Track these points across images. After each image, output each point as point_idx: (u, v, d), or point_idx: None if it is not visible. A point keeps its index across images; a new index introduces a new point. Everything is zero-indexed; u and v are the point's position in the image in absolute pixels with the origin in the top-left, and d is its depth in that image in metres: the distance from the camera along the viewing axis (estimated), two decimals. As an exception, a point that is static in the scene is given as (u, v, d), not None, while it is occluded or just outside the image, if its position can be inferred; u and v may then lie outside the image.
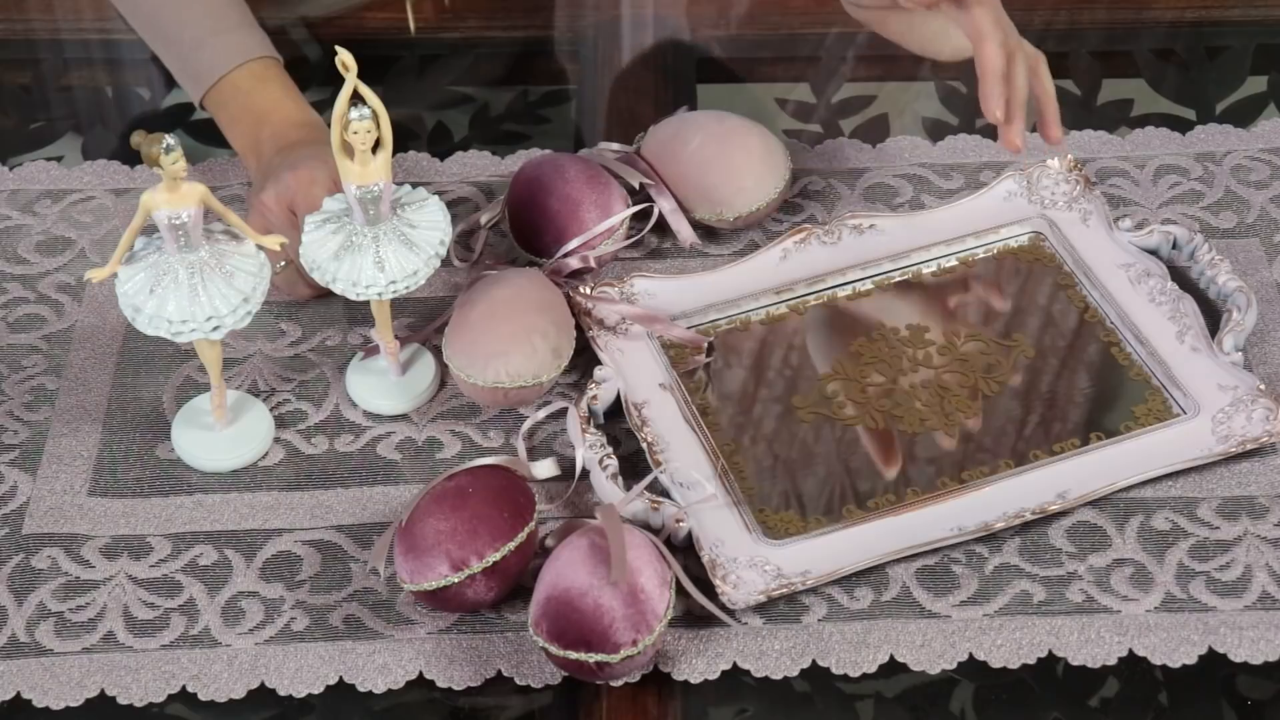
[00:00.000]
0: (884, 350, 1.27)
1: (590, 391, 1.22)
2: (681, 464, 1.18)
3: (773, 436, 1.23)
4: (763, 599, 1.12)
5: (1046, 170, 1.36)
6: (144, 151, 1.12)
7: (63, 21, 1.60)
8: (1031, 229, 1.34)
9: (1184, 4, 1.58)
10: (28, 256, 1.37)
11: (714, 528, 1.15)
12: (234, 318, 1.16)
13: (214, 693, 1.11)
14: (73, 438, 1.25)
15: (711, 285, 1.31)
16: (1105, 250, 1.32)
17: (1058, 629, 1.13)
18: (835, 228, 1.33)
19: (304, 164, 1.26)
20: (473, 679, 1.12)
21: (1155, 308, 1.28)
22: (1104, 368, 1.26)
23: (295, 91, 1.36)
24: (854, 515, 1.18)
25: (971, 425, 1.23)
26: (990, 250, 1.34)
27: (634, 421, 1.22)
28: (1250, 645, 1.12)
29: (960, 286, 1.32)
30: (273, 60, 1.37)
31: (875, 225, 1.34)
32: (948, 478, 1.20)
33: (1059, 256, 1.32)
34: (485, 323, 1.23)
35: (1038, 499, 1.17)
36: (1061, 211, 1.35)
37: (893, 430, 1.22)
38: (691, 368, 1.26)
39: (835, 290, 1.31)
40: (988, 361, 1.26)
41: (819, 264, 1.32)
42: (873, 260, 1.32)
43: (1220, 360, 1.24)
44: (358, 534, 1.19)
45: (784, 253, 1.32)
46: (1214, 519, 1.18)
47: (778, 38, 1.56)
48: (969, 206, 1.36)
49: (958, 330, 1.29)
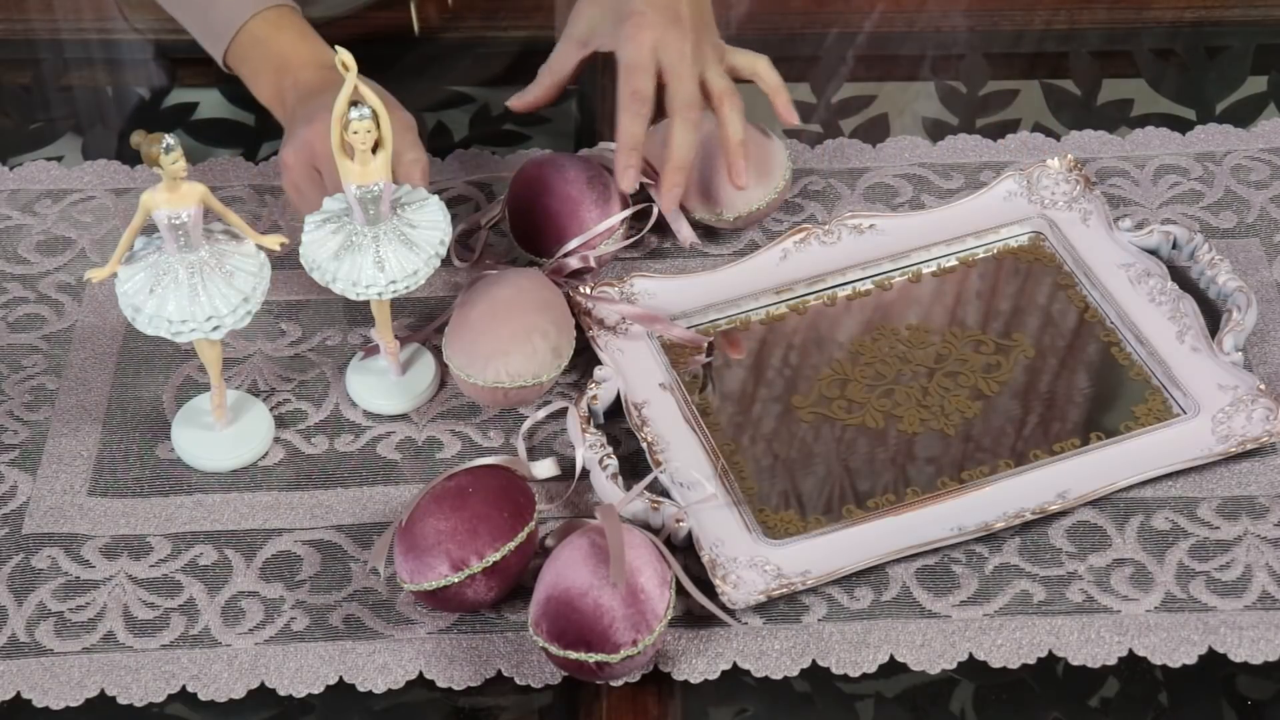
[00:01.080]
0: (884, 350, 1.27)
1: (590, 391, 1.22)
2: (681, 464, 1.18)
3: (773, 436, 1.23)
4: (763, 599, 1.12)
5: (1047, 170, 1.36)
6: (144, 151, 1.11)
7: (63, 21, 1.60)
8: (1031, 229, 1.34)
9: (1184, 4, 1.58)
10: (28, 256, 1.37)
11: (714, 528, 1.15)
12: (234, 318, 1.16)
13: (214, 693, 1.11)
14: (73, 437, 1.25)
15: (711, 285, 1.31)
16: (1105, 250, 1.32)
17: (1058, 629, 1.13)
18: (835, 228, 1.33)
19: (319, 115, 1.25)
20: (473, 679, 1.12)
21: (1155, 307, 1.28)
22: (1104, 368, 1.26)
23: (313, 35, 1.35)
24: (854, 514, 1.18)
25: (971, 425, 1.23)
26: (990, 250, 1.34)
27: (634, 421, 1.22)
28: (1250, 645, 1.12)
29: (960, 286, 1.32)
30: (288, 7, 1.36)
31: (875, 225, 1.34)
32: (947, 478, 1.20)
33: (1059, 256, 1.32)
34: (485, 322, 1.23)
35: (1038, 499, 1.17)
36: (1061, 211, 1.35)
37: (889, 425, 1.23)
38: (693, 369, 1.26)
39: (835, 290, 1.31)
40: (987, 361, 1.26)
41: (819, 264, 1.32)
42: (873, 260, 1.32)
43: (1220, 360, 1.24)
44: (358, 534, 1.19)
45: (784, 253, 1.33)
46: (1214, 519, 1.18)
47: (778, 38, 1.56)
48: (969, 206, 1.36)
49: (958, 330, 1.29)
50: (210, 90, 1.53)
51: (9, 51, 1.58)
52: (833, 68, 1.53)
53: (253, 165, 1.44)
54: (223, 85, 1.53)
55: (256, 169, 1.44)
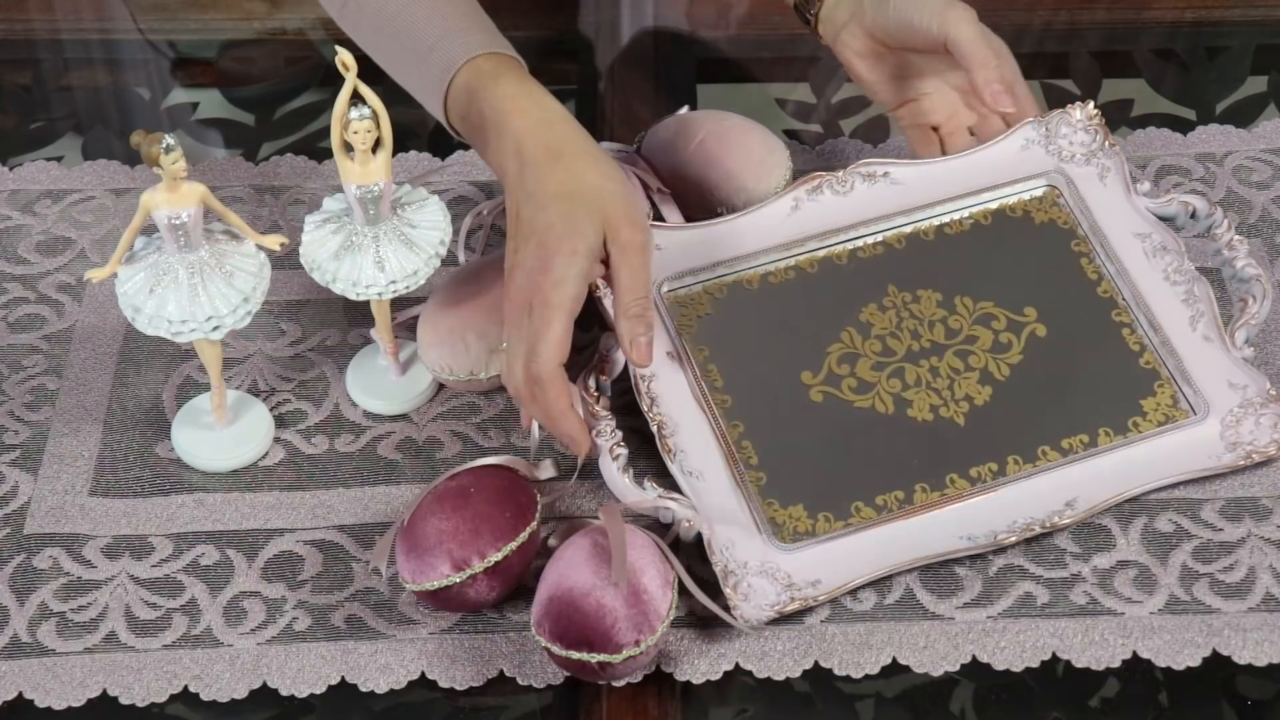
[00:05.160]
0: (894, 320, 1.25)
1: (597, 364, 1.20)
2: (691, 450, 1.17)
3: (782, 418, 1.20)
4: (774, 615, 1.12)
5: (1066, 117, 1.31)
6: (144, 151, 1.11)
7: (63, 21, 1.60)
8: (1047, 183, 1.30)
9: (1184, 4, 1.58)
10: (28, 256, 1.37)
11: (724, 531, 1.14)
12: (234, 318, 1.16)
13: (216, 693, 1.11)
14: (73, 438, 1.25)
15: (721, 236, 1.27)
16: (1121, 215, 1.28)
17: (1061, 631, 1.13)
18: (848, 176, 1.29)
19: (559, 231, 1.11)
20: (474, 679, 1.12)
21: (1170, 287, 1.25)
22: (1115, 353, 1.24)
23: (533, 86, 1.19)
24: (862, 515, 1.17)
25: (980, 414, 1.21)
26: (1004, 204, 1.30)
27: (643, 401, 1.19)
28: (1254, 647, 1.12)
29: (973, 248, 1.28)
30: (508, 57, 1.21)
31: (889, 174, 1.30)
32: (956, 473, 1.19)
33: (1074, 217, 1.29)
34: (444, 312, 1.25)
35: (1045, 508, 1.16)
36: (1079, 166, 1.30)
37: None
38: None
39: (845, 244, 1.28)
40: (998, 339, 1.24)
41: (829, 216, 1.28)
42: (884, 215, 1.29)
43: (1232, 355, 1.23)
44: (359, 534, 1.19)
45: (795, 202, 1.28)
46: (1218, 521, 1.18)
47: (778, 38, 1.56)
48: (985, 155, 1.31)
49: (969, 302, 1.26)
50: (210, 90, 1.53)
51: (9, 51, 1.58)
52: (833, 68, 1.53)
53: (253, 165, 1.44)
54: (223, 85, 1.53)
55: (256, 169, 1.44)
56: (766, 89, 1.55)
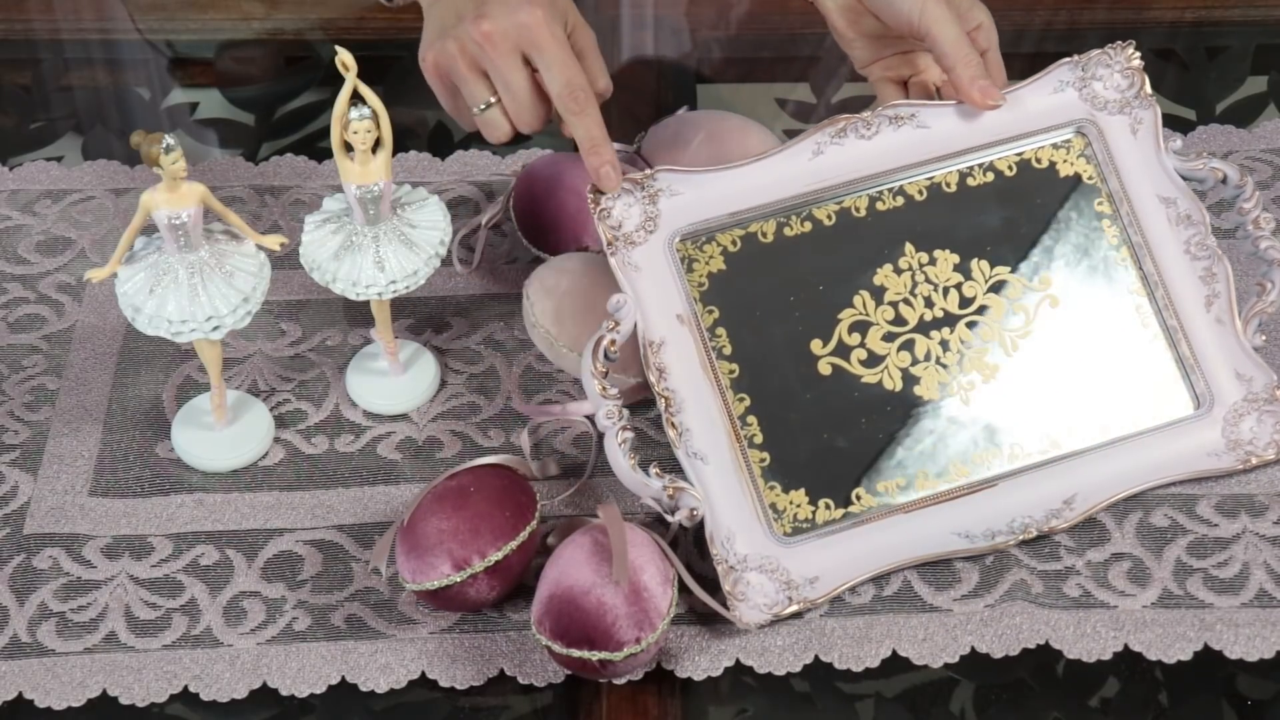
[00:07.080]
0: (908, 284, 1.22)
1: (607, 329, 1.15)
2: (696, 429, 1.16)
3: (789, 391, 1.19)
4: (771, 618, 1.12)
5: (1104, 58, 1.26)
6: (144, 151, 1.11)
7: (63, 21, 1.60)
8: (1076, 129, 1.26)
9: (1184, 4, 1.58)
10: (28, 256, 1.37)
11: (725, 521, 1.14)
12: (234, 318, 1.16)
13: (216, 693, 1.11)
14: (73, 438, 1.25)
15: (740, 181, 1.22)
16: (1149, 174, 1.25)
17: (1054, 623, 1.13)
18: (874, 119, 1.24)
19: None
20: (475, 678, 1.12)
21: (1189, 261, 1.23)
22: (1124, 334, 1.22)
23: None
24: (863, 503, 1.17)
25: (987, 395, 1.20)
26: (1030, 153, 1.26)
27: (651, 374, 1.16)
28: (1246, 642, 1.12)
29: (994, 205, 1.25)
30: None
31: (915, 116, 1.25)
32: (959, 461, 1.19)
33: (1100, 171, 1.25)
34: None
35: (1045, 506, 1.17)
36: (1112, 115, 1.26)
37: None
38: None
39: (865, 193, 1.24)
40: (1011, 307, 1.22)
41: (851, 163, 1.24)
42: (908, 165, 1.24)
43: (1242, 342, 1.21)
44: (359, 534, 1.19)
45: (817, 146, 1.23)
46: (1213, 516, 1.18)
47: (778, 38, 1.56)
48: (1017, 95, 1.26)
49: (985, 266, 1.23)
50: (210, 90, 1.53)
51: (9, 51, 1.58)
52: (833, 68, 1.53)
53: (253, 165, 1.44)
54: (223, 85, 1.53)
55: (256, 169, 1.44)
56: (766, 89, 1.55)
